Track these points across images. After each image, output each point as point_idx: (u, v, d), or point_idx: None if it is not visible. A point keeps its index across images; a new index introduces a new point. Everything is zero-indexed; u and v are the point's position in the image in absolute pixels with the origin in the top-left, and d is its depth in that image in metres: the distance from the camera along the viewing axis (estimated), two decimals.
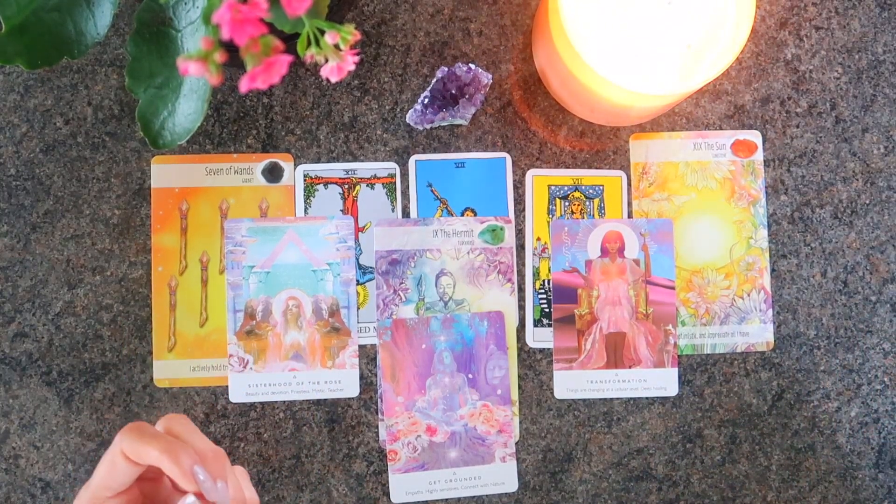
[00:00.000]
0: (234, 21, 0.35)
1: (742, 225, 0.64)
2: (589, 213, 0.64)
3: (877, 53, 0.65)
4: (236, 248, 0.63)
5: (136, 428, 0.45)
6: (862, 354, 0.64)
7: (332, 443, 0.62)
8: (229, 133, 0.63)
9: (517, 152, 0.64)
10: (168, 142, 0.50)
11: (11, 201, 0.62)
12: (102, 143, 0.63)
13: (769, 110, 0.65)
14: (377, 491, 0.62)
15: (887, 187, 0.65)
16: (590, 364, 0.63)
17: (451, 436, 0.62)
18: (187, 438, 0.46)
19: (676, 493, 0.63)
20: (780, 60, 0.65)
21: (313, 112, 0.64)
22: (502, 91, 0.64)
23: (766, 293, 0.64)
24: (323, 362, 0.62)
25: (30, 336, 0.62)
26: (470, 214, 0.64)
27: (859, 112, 0.65)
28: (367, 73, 0.64)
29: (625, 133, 0.65)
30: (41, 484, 0.61)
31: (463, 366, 0.62)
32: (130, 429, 0.45)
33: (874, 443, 0.63)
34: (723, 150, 0.65)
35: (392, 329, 0.62)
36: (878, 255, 0.64)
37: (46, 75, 0.63)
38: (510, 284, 0.63)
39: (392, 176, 0.64)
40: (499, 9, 0.64)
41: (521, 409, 0.63)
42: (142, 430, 0.45)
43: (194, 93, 0.49)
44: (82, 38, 0.49)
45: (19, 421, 0.62)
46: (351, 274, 0.63)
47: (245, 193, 0.63)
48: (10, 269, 0.62)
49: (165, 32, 0.49)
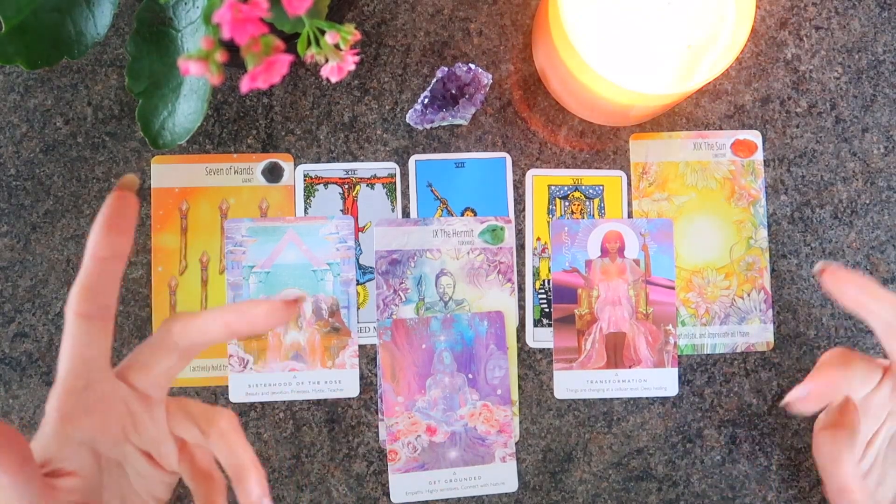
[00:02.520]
0: (235, 21, 0.35)
1: (742, 225, 0.64)
2: (589, 213, 0.64)
3: (877, 53, 0.65)
4: (236, 248, 0.63)
5: (231, 416, 0.42)
6: None
7: (332, 443, 0.62)
8: (229, 133, 0.63)
9: (517, 152, 0.64)
10: (168, 142, 0.50)
11: (11, 201, 0.62)
12: (102, 143, 0.63)
13: (769, 110, 0.65)
14: (377, 491, 0.62)
15: (887, 187, 0.65)
16: (590, 364, 0.63)
17: (451, 436, 0.62)
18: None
19: (676, 493, 0.63)
20: (780, 60, 0.65)
21: (313, 112, 0.64)
22: (502, 91, 0.64)
23: (766, 293, 0.64)
24: (323, 362, 0.62)
25: (30, 336, 0.62)
26: (470, 214, 0.64)
27: (859, 112, 0.65)
28: (367, 73, 0.64)
29: (625, 133, 0.65)
30: None
31: (463, 366, 0.62)
32: (230, 416, 0.41)
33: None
34: (723, 150, 0.65)
35: (392, 329, 0.62)
36: (878, 255, 0.64)
37: (46, 75, 0.63)
38: (510, 284, 0.63)
39: (392, 176, 0.64)
40: (499, 9, 0.64)
41: (521, 409, 0.63)
42: (233, 419, 0.42)
43: (194, 93, 0.49)
44: (82, 38, 0.49)
45: (19, 421, 0.62)
46: (351, 274, 0.63)
47: (245, 193, 0.63)
48: (10, 269, 0.62)
49: (165, 32, 0.49)
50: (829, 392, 0.50)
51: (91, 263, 0.41)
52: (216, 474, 0.44)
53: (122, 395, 0.41)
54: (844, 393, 0.51)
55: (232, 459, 0.41)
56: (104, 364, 0.41)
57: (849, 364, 0.51)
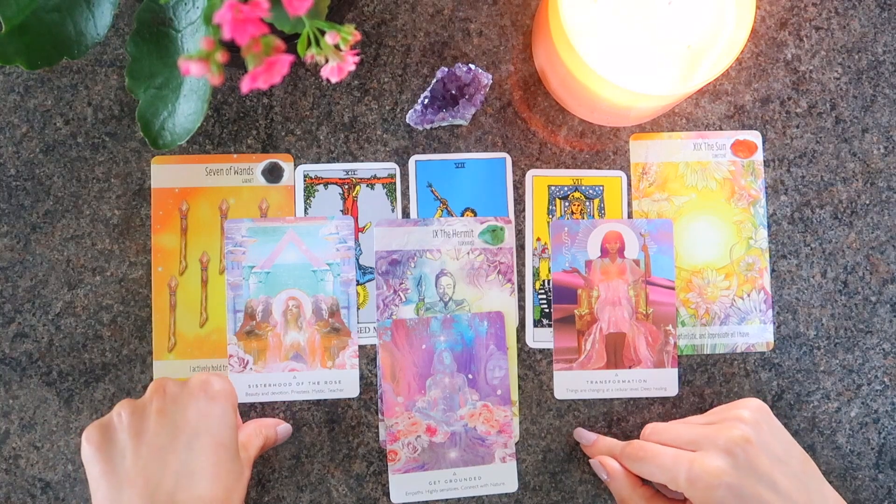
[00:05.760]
0: (236, 21, 0.35)
1: (742, 225, 0.64)
2: (589, 214, 0.64)
3: (877, 53, 0.65)
4: (236, 249, 0.63)
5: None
6: (862, 355, 0.64)
7: (332, 443, 0.62)
8: (229, 133, 0.63)
9: (517, 152, 0.64)
10: (168, 142, 0.50)
11: (11, 201, 0.62)
12: (102, 143, 0.63)
13: (769, 110, 0.65)
14: (377, 491, 0.62)
15: (887, 187, 0.65)
16: (590, 364, 0.63)
17: (451, 436, 0.62)
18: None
19: None
20: (780, 60, 0.65)
21: (313, 112, 0.64)
22: (502, 91, 0.64)
23: (766, 293, 0.64)
24: (323, 362, 0.62)
25: (30, 336, 0.62)
26: (470, 215, 0.64)
27: (859, 112, 0.65)
28: (367, 73, 0.64)
29: (625, 133, 0.65)
30: (41, 484, 0.61)
31: (463, 366, 0.62)
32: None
33: (874, 443, 0.63)
34: (723, 150, 0.65)
35: (392, 329, 0.62)
36: (878, 256, 0.64)
37: (46, 75, 0.63)
38: (510, 285, 0.63)
39: (392, 176, 0.64)
40: (499, 9, 0.64)
41: (521, 409, 0.63)
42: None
43: (194, 93, 0.49)
44: (82, 38, 0.49)
45: (19, 421, 0.62)
46: (351, 274, 0.63)
47: (245, 193, 0.63)
48: (10, 269, 0.62)
49: (165, 32, 0.49)
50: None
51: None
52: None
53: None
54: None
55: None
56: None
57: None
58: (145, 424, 0.51)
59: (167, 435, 0.51)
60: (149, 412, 0.52)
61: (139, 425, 0.51)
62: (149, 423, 0.51)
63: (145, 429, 0.51)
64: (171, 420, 0.51)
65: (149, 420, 0.51)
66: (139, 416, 0.51)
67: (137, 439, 0.51)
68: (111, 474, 0.50)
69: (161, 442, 0.51)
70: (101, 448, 0.51)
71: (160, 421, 0.51)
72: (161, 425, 0.51)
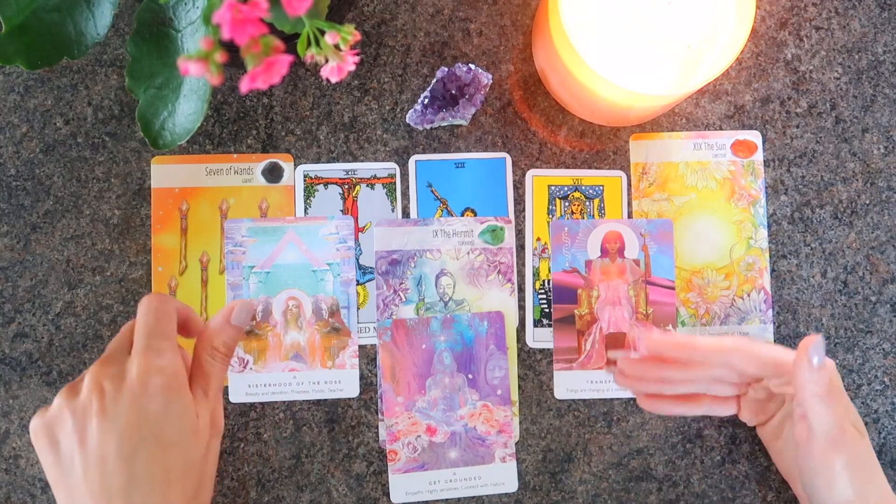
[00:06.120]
0: (235, 21, 0.35)
1: (742, 225, 0.64)
2: (589, 214, 0.64)
3: (877, 53, 0.65)
4: (236, 249, 0.63)
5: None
6: (862, 354, 0.64)
7: (332, 443, 0.62)
8: (229, 133, 0.63)
9: (517, 152, 0.64)
10: (168, 142, 0.50)
11: (11, 201, 0.62)
12: (102, 143, 0.63)
13: (769, 110, 0.65)
14: (377, 491, 0.62)
15: (887, 187, 0.65)
16: (590, 364, 0.63)
17: (451, 436, 0.62)
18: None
19: (676, 494, 0.63)
20: (780, 60, 0.65)
21: (313, 112, 0.64)
22: (502, 91, 0.64)
23: (766, 293, 0.64)
24: (323, 362, 0.62)
25: (30, 336, 0.62)
26: (470, 215, 0.64)
27: (859, 112, 0.65)
28: (367, 73, 0.64)
29: (625, 133, 0.65)
30: (41, 484, 0.61)
31: (463, 366, 0.62)
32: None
33: (874, 443, 0.63)
34: (723, 150, 0.65)
35: (392, 329, 0.62)
36: (878, 256, 0.64)
37: (46, 75, 0.63)
38: (510, 285, 0.63)
39: (392, 176, 0.64)
40: (499, 9, 0.64)
41: (521, 409, 0.63)
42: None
43: (194, 93, 0.49)
44: (82, 38, 0.49)
45: (19, 421, 0.62)
46: (351, 274, 0.63)
47: (245, 193, 0.63)
48: (10, 269, 0.62)
49: (165, 32, 0.49)
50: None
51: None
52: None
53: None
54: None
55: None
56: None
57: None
58: (88, 429, 0.48)
59: (112, 443, 0.47)
60: (90, 413, 0.48)
61: (82, 431, 0.48)
62: (91, 427, 0.48)
63: (88, 435, 0.48)
64: (112, 425, 0.47)
65: (91, 423, 0.48)
66: (80, 417, 0.48)
67: (82, 447, 0.48)
68: (62, 483, 0.48)
69: (105, 451, 0.47)
70: (50, 449, 0.49)
71: (102, 425, 0.48)
72: (104, 431, 0.47)
